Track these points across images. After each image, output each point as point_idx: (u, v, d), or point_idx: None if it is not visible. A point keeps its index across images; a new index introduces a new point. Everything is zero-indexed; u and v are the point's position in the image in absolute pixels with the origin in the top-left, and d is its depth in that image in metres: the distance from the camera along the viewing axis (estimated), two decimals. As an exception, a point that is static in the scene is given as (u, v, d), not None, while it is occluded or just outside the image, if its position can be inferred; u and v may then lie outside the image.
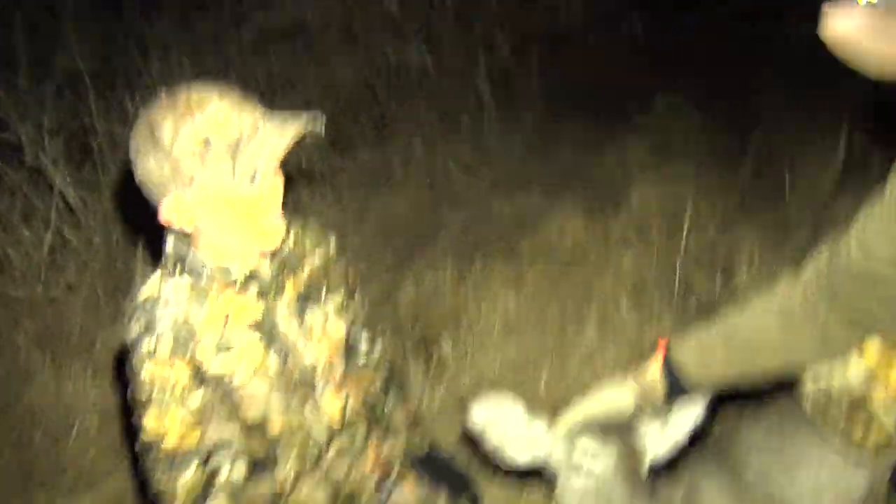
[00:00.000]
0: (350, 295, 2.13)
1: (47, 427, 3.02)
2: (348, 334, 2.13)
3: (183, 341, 1.80)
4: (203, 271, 1.84)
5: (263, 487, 1.98)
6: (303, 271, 2.00)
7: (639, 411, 1.96)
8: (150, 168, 1.69)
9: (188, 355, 1.81)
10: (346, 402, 2.05)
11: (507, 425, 1.95)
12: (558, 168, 4.61)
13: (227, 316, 1.86)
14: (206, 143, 1.67)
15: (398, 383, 2.32)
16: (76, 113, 3.95)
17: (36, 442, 2.96)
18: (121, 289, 3.49)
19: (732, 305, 2.03)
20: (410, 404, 2.32)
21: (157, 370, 1.80)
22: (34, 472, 2.85)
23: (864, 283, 1.74)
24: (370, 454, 2.15)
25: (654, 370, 2.00)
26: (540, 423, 1.97)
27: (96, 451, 2.92)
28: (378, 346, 2.28)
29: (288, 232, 1.93)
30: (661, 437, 1.93)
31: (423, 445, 2.30)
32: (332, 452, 2.04)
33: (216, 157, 1.67)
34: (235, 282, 1.86)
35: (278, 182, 1.82)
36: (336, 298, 2.05)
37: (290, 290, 1.96)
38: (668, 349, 2.00)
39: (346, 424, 2.07)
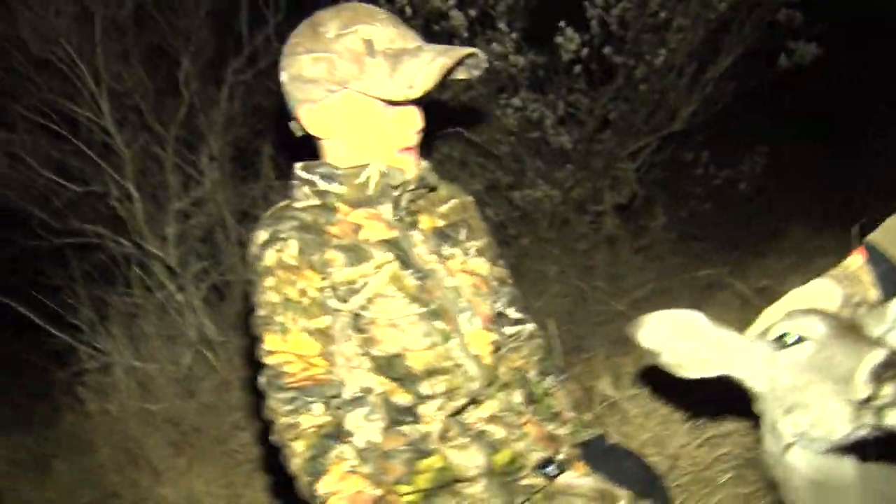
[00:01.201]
0: (494, 253, 1.96)
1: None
2: (498, 292, 1.93)
3: (311, 245, 1.69)
4: (334, 176, 1.75)
5: (401, 441, 1.71)
6: (438, 209, 1.88)
7: (846, 306, 1.65)
8: (303, 64, 1.68)
9: (317, 260, 1.68)
10: (497, 347, 1.81)
11: (687, 336, 1.67)
12: (699, 286, 4.40)
13: (359, 227, 1.74)
14: (369, 45, 1.65)
15: (557, 366, 2.04)
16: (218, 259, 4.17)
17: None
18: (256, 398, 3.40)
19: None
20: (576, 391, 2.02)
21: (283, 278, 1.67)
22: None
23: None
24: (531, 428, 1.85)
25: (854, 261, 1.71)
26: (727, 330, 1.68)
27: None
28: (530, 321, 2.06)
29: (424, 168, 1.83)
30: (883, 335, 1.60)
31: (596, 433, 1.95)
32: (485, 410, 1.77)
33: (376, 63, 1.65)
34: (367, 194, 1.75)
35: (420, 114, 1.78)
36: (477, 242, 1.89)
37: (426, 223, 1.83)
38: (866, 242, 1.73)
39: (500, 384, 1.81)
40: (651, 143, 4.82)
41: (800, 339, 1.52)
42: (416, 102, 1.71)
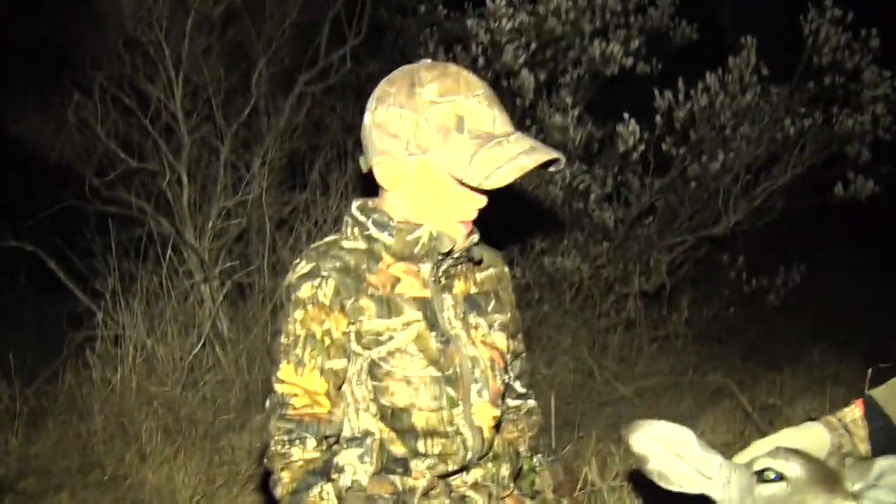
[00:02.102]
0: (516, 328, 2.00)
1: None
2: (510, 365, 1.98)
3: (348, 289, 1.73)
4: (387, 226, 1.79)
5: (388, 488, 1.76)
6: (475, 276, 1.93)
7: (833, 454, 1.68)
8: (389, 117, 1.69)
9: (349, 305, 1.72)
10: (498, 422, 1.85)
11: (675, 450, 1.72)
12: (706, 389, 4.39)
13: (398, 280, 1.79)
14: (460, 121, 1.67)
15: (548, 448, 2.08)
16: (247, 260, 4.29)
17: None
18: (253, 402, 3.46)
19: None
20: (561, 474, 2.06)
21: (313, 314, 1.71)
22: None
23: None
24: (510, 502, 1.89)
25: (851, 412, 1.75)
26: (713, 453, 1.72)
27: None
28: (532, 397, 2.10)
29: (473, 240, 1.87)
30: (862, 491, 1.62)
31: (575, 520, 1.99)
32: (471, 476, 1.82)
33: (461, 140, 1.66)
34: (413, 251, 1.80)
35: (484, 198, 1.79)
36: (502, 316, 1.93)
37: (460, 287, 1.88)
38: (867, 396, 1.77)
39: (491, 454, 1.86)
40: (690, 239, 4.86)
41: (778, 478, 1.56)
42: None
